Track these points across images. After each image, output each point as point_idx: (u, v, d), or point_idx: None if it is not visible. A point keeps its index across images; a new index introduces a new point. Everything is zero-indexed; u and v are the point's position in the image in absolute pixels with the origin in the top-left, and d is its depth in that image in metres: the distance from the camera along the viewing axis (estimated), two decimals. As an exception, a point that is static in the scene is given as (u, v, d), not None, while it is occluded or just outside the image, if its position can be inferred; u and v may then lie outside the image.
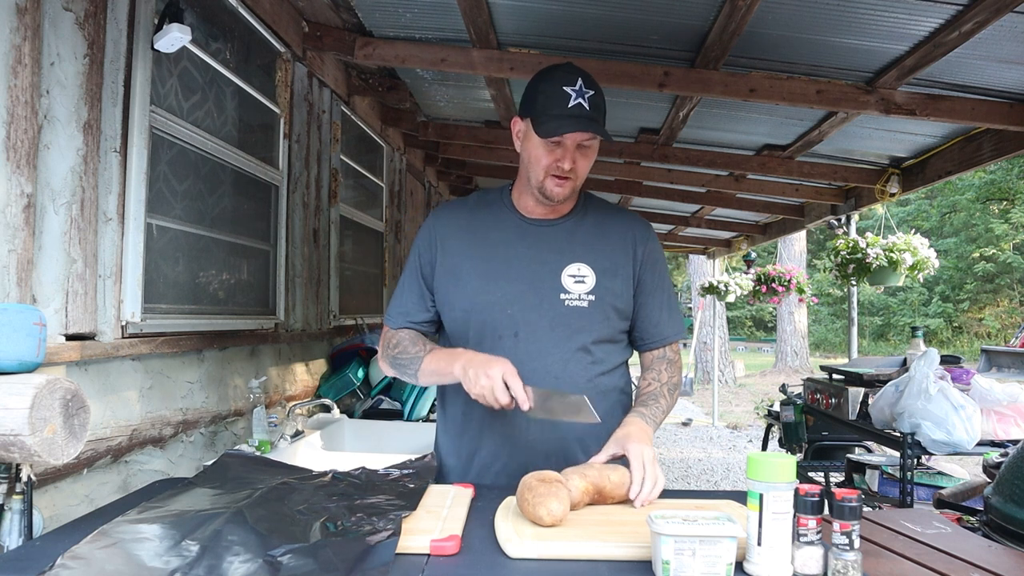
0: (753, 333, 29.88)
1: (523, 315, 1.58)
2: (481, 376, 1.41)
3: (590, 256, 1.61)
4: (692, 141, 4.39)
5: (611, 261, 1.63)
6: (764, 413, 6.56)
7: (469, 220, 1.68)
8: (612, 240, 1.65)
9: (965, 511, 2.44)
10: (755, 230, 7.78)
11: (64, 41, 1.67)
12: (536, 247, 1.62)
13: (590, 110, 1.51)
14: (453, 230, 1.67)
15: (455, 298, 1.63)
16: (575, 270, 1.59)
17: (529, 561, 1.12)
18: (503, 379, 1.40)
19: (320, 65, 3.34)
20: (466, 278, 1.62)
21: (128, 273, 1.91)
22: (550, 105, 1.51)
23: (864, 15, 2.39)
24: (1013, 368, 4.25)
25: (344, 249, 3.85)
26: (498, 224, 1.65)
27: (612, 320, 1.63)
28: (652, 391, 1.65)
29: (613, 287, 1.61)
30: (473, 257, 1.63)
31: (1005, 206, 20.37)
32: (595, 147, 1.58)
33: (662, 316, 1.68)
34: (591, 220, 1.67)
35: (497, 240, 1.63)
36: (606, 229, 1.66)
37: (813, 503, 1.05)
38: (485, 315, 1.59)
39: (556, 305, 1.58)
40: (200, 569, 1.01)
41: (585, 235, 1.64)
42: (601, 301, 1.60)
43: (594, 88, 1.54)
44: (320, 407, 3.24)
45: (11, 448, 1.20)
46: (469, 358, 1.47)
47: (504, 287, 1.59)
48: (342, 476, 1.47)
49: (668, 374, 1.68)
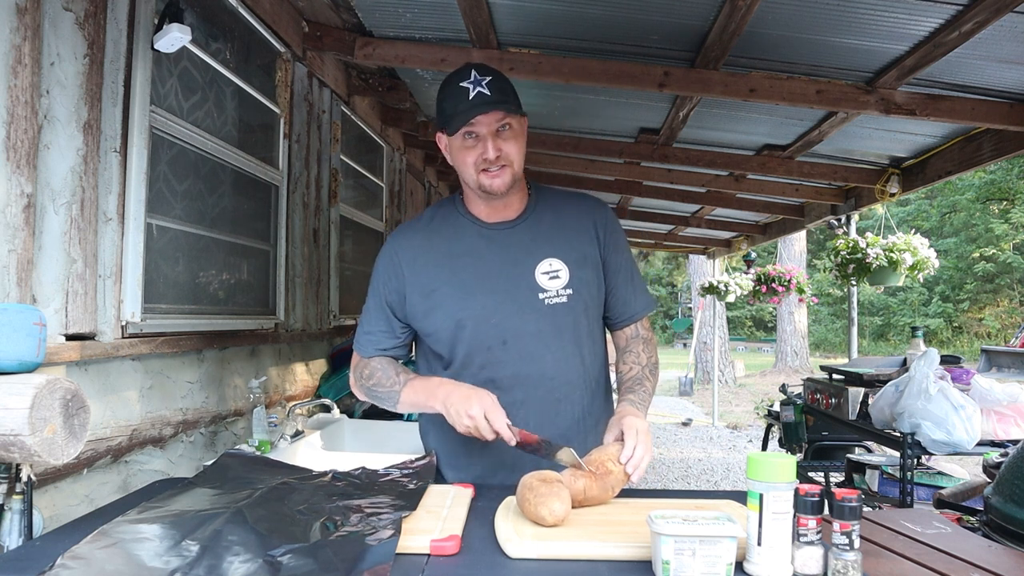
0: (753, 333, 29.88)
1: (507, 322, 1.56)
2: (463, 416, 1.41)
3: (558, 249, 1.60)
4: (692, 141, 4.39)
5: (578, 251, 1.61)
6: (764, 413, 6.56)
7: (429, 239, 1.64)
8: (574, 228, 1.63)
9: (965, 511, 2.44)
10: (755, 230, 7.78)
11: (64, 41, 1.67)
12: (504, 251, 1.60)
13: (492, 94, 1.50)
14: (416, 253, 1.63)
15: (436, 319, 1.60)
16: (547, 266, 1.58)
17: (529, 561, 1.12)
18: (484, 417, 1.40)
19: (320, 65, 3.34)
20: (441, 297, 1.59)
21: (128, 273, 1.91)
22: (453, 104, 1.51)
23: (864, 15, 2.39)
24: (1013, 368, 4.25)
25: (344, 249, 3.85)
26: (459, 236, 1.63)
27: (592, 310, 1.63)
28: (635, 375, 1.64)
29: (586, 276, 1.61)
30: (443, 274, 1.60)
31: (1005, 206, 20.36)
32: (518, 128, 1.57)
33: (628, 292, 1.67)
34: (549, 213, 1.65)
35: (462, 252, 1.61)
36: (565, 218, 1.65)
37: (813, 503, 1.05)
38: (470, 330, 1.57)
39: (537, 306, 1.57)
40: (200, 569, 1.01)
41: (547, 229, 1.62)
42: (579, 293, 1.59)
43: (491, 73, 1.53)
44: (320, 407, 3.23)
45: (11, 448, 1.20)
46: (448, 392, 1.46)
47: (482, 299, 1.57)
48: (342, 476, 1.47)
49: (647, 354, 1.67)
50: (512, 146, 1.55)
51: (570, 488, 1.30)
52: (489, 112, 1.49)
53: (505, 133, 1.54)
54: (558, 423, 1.59)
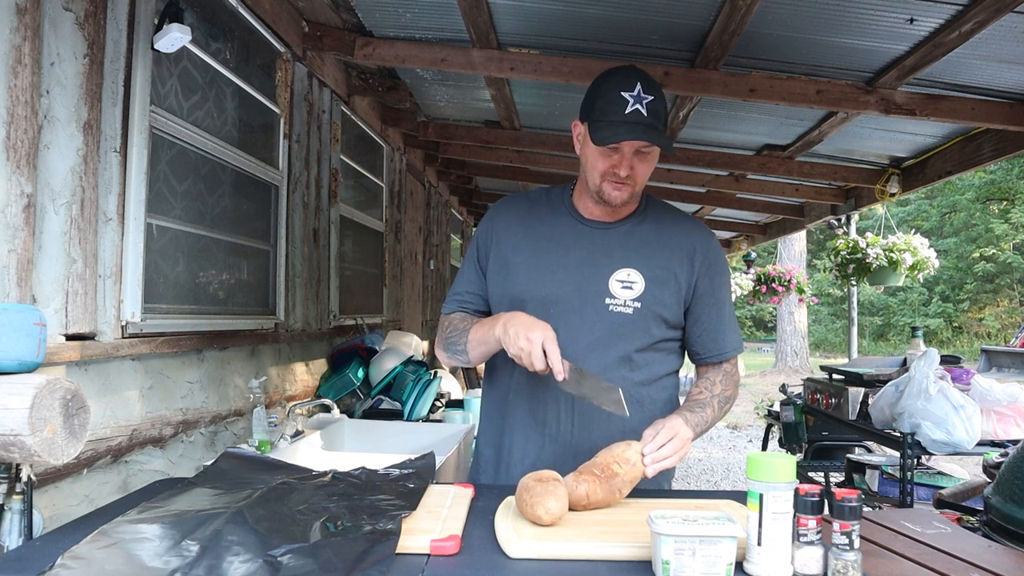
0: (753, 333, 29.86)
1: (564, 316, 1.56)
2: (521, 337, 1.40)
3: (642, 262, 1.58)
4: (692, 141, 4.39)
5: (664, 269, 1.59)
6: (764, 413, 6.56)
7: (527, 215, 1.68)
8: (669, 247, 1.61)
9: (965, 511, 2.43)
10: (755, 230, 7.78)
11: (64, 41, 1.67)
12: (588, 249, 1.60)
13: (648, 116, 1.47)
14: (510, 223, 1.68)
15: (502, 290, 1.64)
16: (624, 275, 1.57)
17: (529, 561, 1.12)
18: (542, 345, 1.38)
19: (320, 65, 3.34)
20: (515, 272, 1.62)
21: (128, 273, 1.91)
22: (608, 111, 1.49)
23: (864, 15, 2.39)
24: (1013, 368, 4.25)
25: (344, 249, 3.85)
26: (554, 222, 1.65)
27: (657, 329, 1.59)
28: (701, 399, 1.59)
29: (661, 296, 1.58)
30: (524, 252, 1.63)
31: (1005, 206, 20.37)
32: (655, 152, 1.55)
33: (720, 329, 1.64)
34: (650, 225, 1.63)
35: (550, 238, 1.63)
36: (664, 236, 1.62)
37: (813, 503, 1.05)
38: (528, 311, 1.54)
39: (600, 310, 1.56)
40: (200, 569, 1.01)
41: (640, 240, 1.61)
42: (647, 309, 1.57)
43: (654, 93, 1.50)
44: (320, 407, 3.23)
45: (11, 448, 1.20)
46: (510, 317, 1.46)
47: (550, 286, 1.59)
48: (342, 476, 1.46)
49: (722, 386, 1.63)
50: (645, 168, 1.55)
51: (573, 493, 1.30)
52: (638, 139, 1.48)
53: (643, 155, 1.53)
54: (591, 429, 1.58)
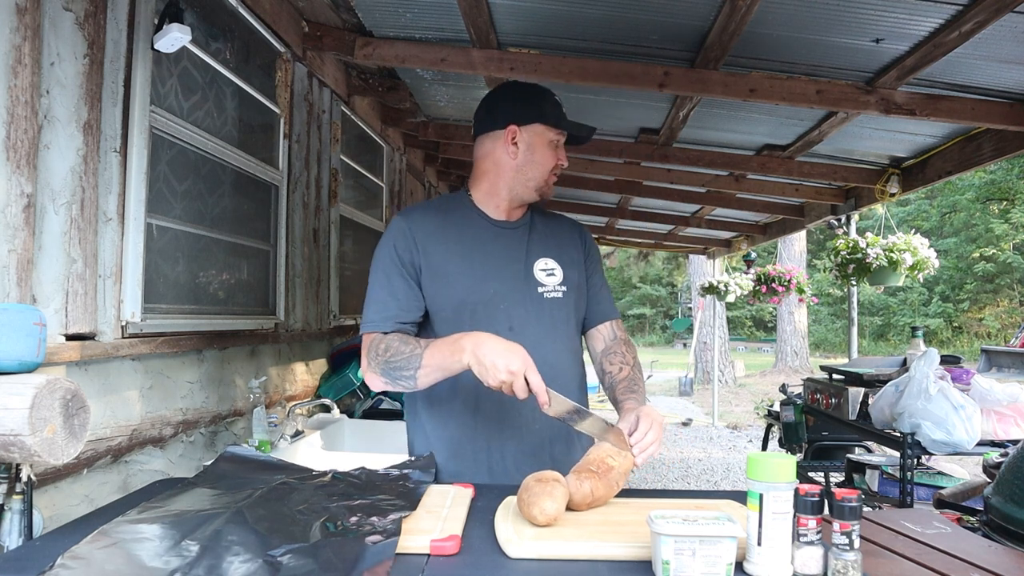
0: (753, 333, 29.88)
1: (514, 309, 1.65)
2: (501, 370, 1.34)
3: (553, 251, 1.74)
4: (692, 141, 4.39)
5: (569, 256, 1.76)
6: (764, 413, 6.56)
7: (444, 222, 1.69)
8: (565, 236, 1.80)
9: (965, 511, 2.43)
10: (755, 230, 7.78)
11: (64, 41, 1.67)
12: (507, 246, 1.70)
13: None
14: (431, 232, 1.66)
15: (445, 298, 1.63)
16: (544, 264, 1.71)
17: (529, 561, 1.12)
18: (524, 376, 1.35)
19: (320, 65, 3.34)
20: (452, 278, 1.63)
21: (128, 273, 1.91)
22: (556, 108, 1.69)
23: (864, 15, 2.39)
24: (1013, 368, 4.25)
25: (344, 249, 3.85)
26: (470, 225, 1.71)
27: (579, 310, 1.77)
28: (628, 376, 1.71)
29: (575, 279, 1.75)
30: (455, 258, 1.65)
31: (1005, 206, 20.36)
32: None
33: (601, 296, 1.83)
34: (541, 222, 1.79)
35: (473, 240, 1.69)
36: (556, 227, 1.81)
37: (813, 503, 1.05)
38: (479, 312, 1.62)
39: (537, 298, 1.68)
40: (200, 569, 1.01)
41: (543, 233, 1.77)
42: (571, 291, 1.72)
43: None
44: (320, 407, 3.24)
45: (11, 448, 1.20)
46: (478, 342, 1.39)
47: (493, 284, 1.65)
48: (342, 476, 1.46)
49: (630, 354, 1.78)
50: None
51: (577, 492, 1.30)
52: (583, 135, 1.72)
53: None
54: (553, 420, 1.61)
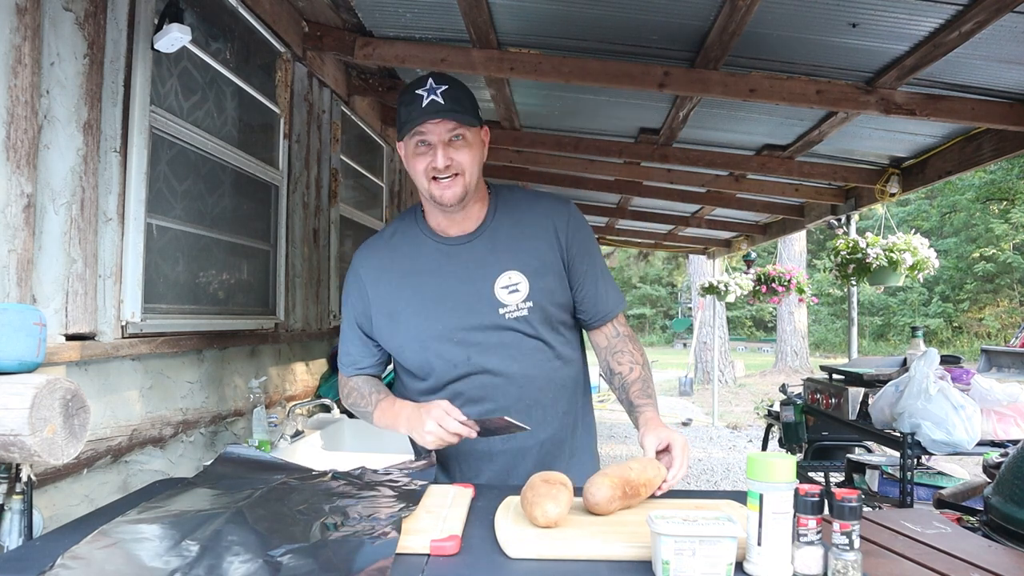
0: (753, 333, 29.88)
1: (470, 337, 1.58)
2: (424, 435, 1.48)
3: (517, 261, 1.59)
4: (692, 141, 4.39)
5: (539, 260, 1.60)
6: (764, 413, 6.55)
7: (390, 258, 1.65)
8: (534, 236, 1.61)
9: (965, 511, 2.43)
10: (755, 230, 7.78)
11: (64, 41, 1.67)
12: (463, 268, 1.59)
13: (445, 102, 1.48)
14: (377, 273, 1.64)
15: (401, 339, 1.63)
16: (506, 280, 1.57)
17: (529, 561, 1.12)
18: (440, 426, 1.46)
19: (320, 65, 3.34)
20: (405, 318, 1.61)
21: (128, 273, 1.91)
22: (408, 112, 1.51)
23: (864, 15, 2.39)
24: (1013, 368, 4.25)
25: (344, 249, 3.85)
26: (418, 254, 1.63)
27: (556, 317, 1.62)
28: (639, 376, 1.64)
29: (547, 285, 1.60)
30: (405, 294, 1.61)
31: (1005, 206, 20.36)
32: (472, 138, 1.54)
33: (600, 291, 1.67)
34: (507, 222, 1.63)
35: (423, 270, 1.61)
36: (524, 226, 1.62)
37: (813, 503, 1.05)
38: (435, 348, 1.59)
39: (498, 321, 1.57)
40: (200, 569, 1.01)
41: (506, 240, 1.61)
42: (539, 305, 1.59)
43: (447, 82, 1.52)
44: (320, 407, 3.24)
45: (11, 448, 1.20)
46: (407, 417, 1.55)
47: (444, 318, 1.58)
48: (342, 476, 1.46)
49: (638, 352, 1.68)
50: (464, 156, 1.52)
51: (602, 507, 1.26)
52: (439, 120, 1.48)
53: (457, 143, 1.52)
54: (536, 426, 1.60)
